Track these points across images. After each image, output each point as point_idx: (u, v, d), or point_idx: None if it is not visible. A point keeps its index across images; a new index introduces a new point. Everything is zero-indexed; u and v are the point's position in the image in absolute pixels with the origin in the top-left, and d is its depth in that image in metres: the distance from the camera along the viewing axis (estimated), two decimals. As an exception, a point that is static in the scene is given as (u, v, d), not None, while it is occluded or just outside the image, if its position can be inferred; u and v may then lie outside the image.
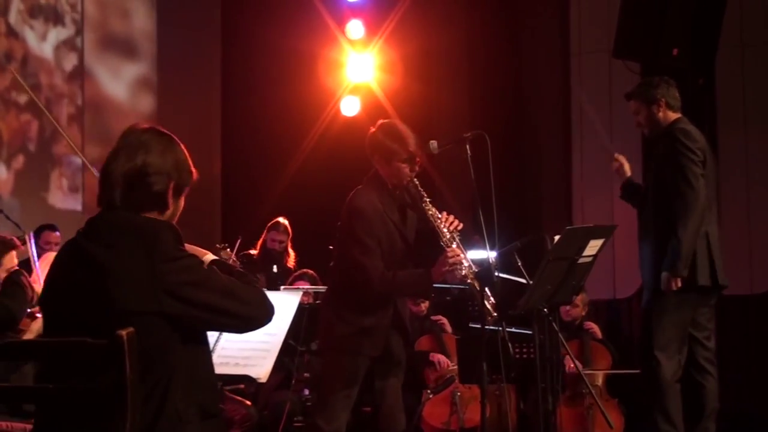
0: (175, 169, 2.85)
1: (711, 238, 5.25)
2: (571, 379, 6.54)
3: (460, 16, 9.06)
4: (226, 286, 2.83)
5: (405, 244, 4.59)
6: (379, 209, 4.51)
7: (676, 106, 5.42)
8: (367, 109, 9.28)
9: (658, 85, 5.43)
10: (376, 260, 4.44)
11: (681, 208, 5.12)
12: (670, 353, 5.22)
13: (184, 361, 2.75)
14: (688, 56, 7.14)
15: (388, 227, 4.52)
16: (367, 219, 4.48)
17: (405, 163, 4.51)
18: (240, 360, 3.83)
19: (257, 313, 2.91)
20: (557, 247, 4.51)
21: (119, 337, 2.53)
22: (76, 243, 2.82)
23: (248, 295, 2.88)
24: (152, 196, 2.82)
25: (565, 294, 4.79)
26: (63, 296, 2.78)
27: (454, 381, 6.69)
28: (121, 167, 2.80)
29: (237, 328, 2.96)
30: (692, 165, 5.16)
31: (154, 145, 2.84)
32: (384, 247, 4.49)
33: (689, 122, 5.43)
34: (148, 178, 2.80)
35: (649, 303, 5.31)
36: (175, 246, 2.76)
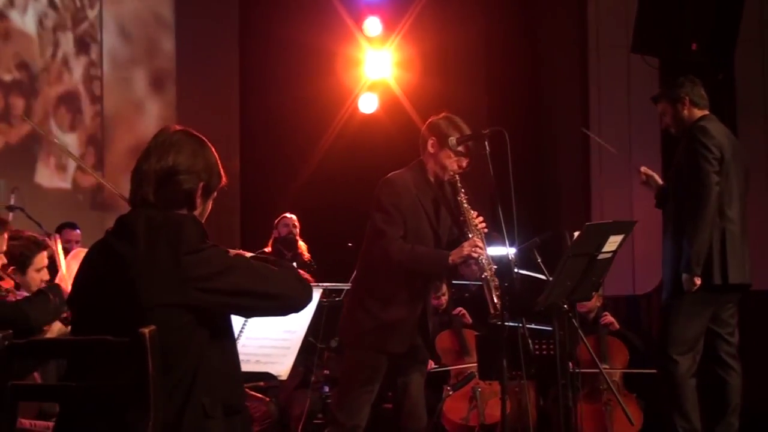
0: (205, 170, 2.88)
1: (728, 235, 5.23)
2: (589, 376, 6.52)
3: (477, 12, 9.05)
4: (257, 269, 2.85)
5: (434, 235, 4.58)
6: (411, 189, 4.54)
7: (701, 104, 5.42)
8: (385, 106, 9.30)
9: (682, 84, 5.44)
10: (396, 229, 4.46)
11: (692, 208, 5.16)
12: (684, 350, 5.24)
13: (209, 356, 2.77)
14: (707, 51, 7.11)
15: (417, 209, 4.53)
16: (396, 191, 4.52)
17: (455, 155, 4.54)
18: (261, 357, 3.84)
19: (294, 292, 2.92)
20: (577, 244, 4.50)
21: (141, 334, 2.55)
22: (104, 241, 2.85)
23: (280, 274, 2.90)
24: (181, 195, 2.84)
25: (585, 290, 4.77)
26: (90, 293, 2.81)
27: (474, 377, 6.68)
28: (152, 166, 2.83)
29: (276, 310, 2.97)
30: (705, 164, 5.17)
31: (186, 146, 2.87)
32: (410, 226, 4.50)
33: (714, 119, 5.43)
34: (178, 176, 2.83)
35: (666, 301, 5.36)
36: (200, 238, 2.78)
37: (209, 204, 2.96)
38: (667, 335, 5.27)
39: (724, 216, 5.23)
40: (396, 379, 4.66)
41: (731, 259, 5.22)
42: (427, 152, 4.63)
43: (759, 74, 7.90)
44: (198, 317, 2.73)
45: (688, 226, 5.14)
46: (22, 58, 8.10)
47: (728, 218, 5.26)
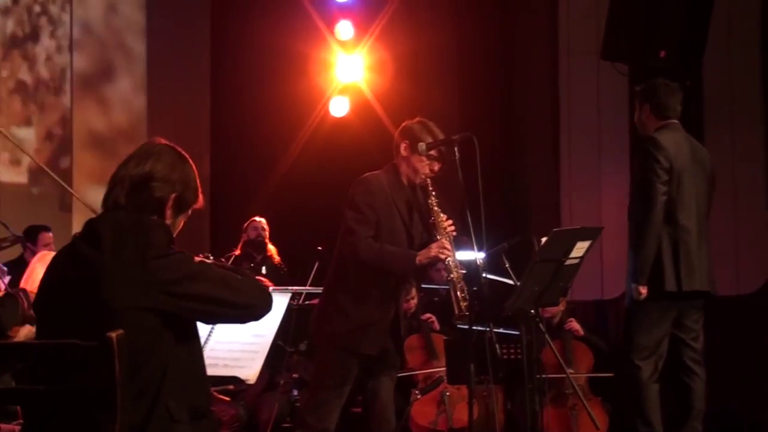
0: (180, 183, 2.90)
1: (681, 243, 5.25)
2: (555, 380, 6.56)
3: (449, 16, 9.08)
4: (221, 277, 2.87)
5: (408, 236, 4.61)
6: (385, 189, 4.58)
7: (665, 115, 5.38)
8: (357, 109, 9.31)
9: (653, 86, 5.43)
10: (367, 228, 4.48)
11: (638, 219, 5.23)
12: (645, 356, 5.28)
13: (176, 359, 2.78)
14: (675, 58, 7.16)
15: (390, 209, 4.57)
16: (370, 190, 4.56)
17: (427, 159, 4.58)
18: (229, 361, 3.84)
19: (255, 301, 2.94)
20: (544, 249, 4.54)
21: (109, 338, 2.55)
22: (71, 244, 2.86)
23: (244, 285, 2.92)
24: (153, 201, 2.86)
25: (553, 295, 4.82)
26: (56, 296, 2.82)
27: (443, 381, 6.70)
28: (129, 171, 2.86)
29: (237, 318, 2.99)
30: (652, 175, 5.18)
31: (165, 156, 2.91)
32: (383, 226, 4.53)
33: (672, 128, 5.39)
34: (151, 182, 2.85)
35: (627, 307, 5.43)
36: (167, 243, 2.79)
37: (181, 220, 2.97)
38: (629, 341, 5.34)
39: (676, 224, 5.25)
40: (366, 383, 4.68)
41: (684, 267, 5.24)
42: (399, 155, 4.67)
43: (726, 81, 7.97)
44: (164, 321, 2.74)
45: (634, 236, 5.23)
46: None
47: (681, 226, 5.26)
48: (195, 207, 2.99)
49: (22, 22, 8.45)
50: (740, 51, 7.92)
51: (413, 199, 4.67)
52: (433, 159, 4.60)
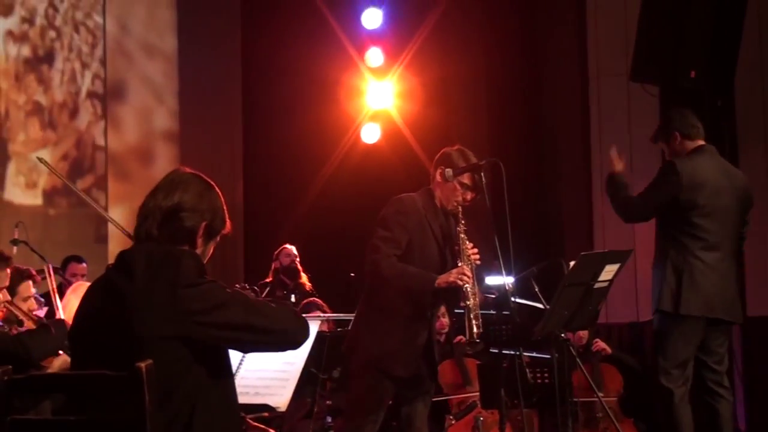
0: (209, 211, 2.94)
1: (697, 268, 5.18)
2: (586, 403, 6.54)
3: (477, 43, 9.12)
4: (253, 304, 2.89)
5: (441, 257, 4.60)
6: (420, 210, 4.59)
7: (693, 134, 5.39)
8: (387, 135, 9.35)
9: (670, 119, 5.49)
10: (392, 247, 4.48)
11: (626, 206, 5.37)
12: (674, 376, 5.20)
13: (207, 389, 2.80)
14: (706, 78, 7.13)
15: (425, 230, 4.57)
16: (404, 210, 4.57)
17: (462, 188, 4.59)
18: (260, 389, 3.87)
19: (288, 327, 2.94)
20: (573, 273, 4.54)
21: (138, 369, 2.58)
22: (104, 276, 2.90)
23: (278, 311, 2.93)
24: (184, 232, 2.89)
25: (582, 319, 4.80)
26: (89, 327, 2.85)
27: (477, 406, 6.69)
28: (159, 202, 2.90)
29: (272, 345, 2.99)
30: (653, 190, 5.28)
31: (193, 186, 2.94)
32: (416, 246, 4.53)
33: (708, 151, 5.40)
34: (181, 213, 2.89)
35: (654, 327, 5.33)
36: (198, 273, 2.82)
37: (211, 247, 3.00)
38: (657, 363, 5.26)
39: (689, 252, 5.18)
40: (400, 409, 4.67)
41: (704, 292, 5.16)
42: (435, 181, 4.68)
43: (759, 100, 7.93)
44: (195, 351, 2.76)
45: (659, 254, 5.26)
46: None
47: (696, 256, 5.19)
48: (224, 234, 3.03)
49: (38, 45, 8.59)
50: (772, 69, 7.88)
51: (446, 224, 4.68)
52: (466, 188, 4.60)
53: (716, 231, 5.25)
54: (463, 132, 8.63)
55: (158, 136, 9.34)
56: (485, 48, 9.10)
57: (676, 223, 5.22)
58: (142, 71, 9.24)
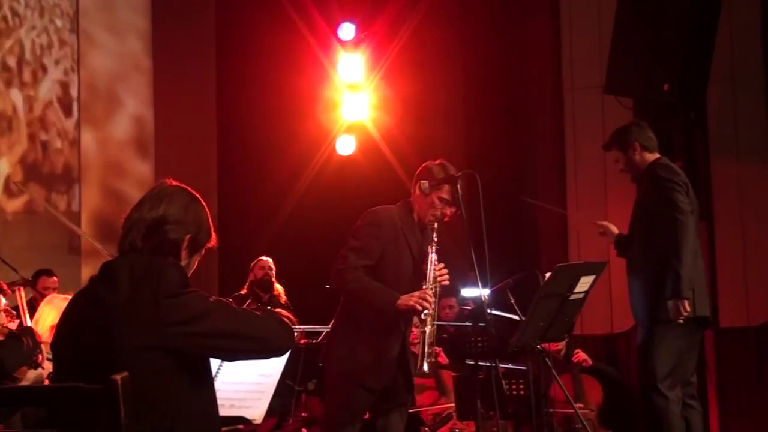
0: (193, 224, 2.94)
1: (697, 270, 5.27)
2: (565, 415, 6.55)
3: (454, 55, 9.14)
4: (236, 312, 2.88)
5: (415, 271, 4.54)
6: (396, 222, 4.55)
7: (651, 147, 5.46)
8: (363, 148, 9.35)
9: (629, 130, 5.51)
10: (360, 258, 4.45)
11: (676, 236, 5.13)
12: (673, 384, 5.17)
13: (189, 400, 2.79)
14: (678, 91, 7.20)
15: (399, 242, 4.53)
16: (377, 222, 4.54)
17: (440, 202, 4.55)
18: (235, 401, 3.83)
19: (273, 333, 2.94)
20: (548, 285, 4.56)
21: (113, 381, 2.56)
22: (88, 287, 2.89)
23: (261, 318, 2.93)
24: (168, 244, 2.89)
25: (558, 330, 4.82)
26: (72, 338, 2.84)
27: (452, 418, 6.70)
28: (143, 214, 2.90)
29: (256, 352, 2.98)
30: (679, 195, 5.21)
31: (178, 199, 2.94)
32: (389, 259, 4.49)
33: (669, 161, 5.51)
34: (166, 225, 2.89)
35: (645, 338, 5.26)
36: (181, 283, 2.81)
37: (195, 260, 3.00)
38: (653, 372, 5.17)
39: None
40: (376, 421, 4.65)
41: (698, 292, 5.21)
42: (415, 194, 4.65)
43: (730, 113, 7.99)
44: (177, 361, 2.75)
45: (674, 253, 5.10)
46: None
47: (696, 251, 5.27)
48: (208, 247, 3.02)
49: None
50: (744, 81, 7.95)
51: (423, 239, 4.64)
52: (445, 202, 4.56)
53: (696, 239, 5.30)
54: (439, 144, 8.64)
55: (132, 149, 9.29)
56: (461, 60, 9.13)
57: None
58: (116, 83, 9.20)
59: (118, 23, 9.28)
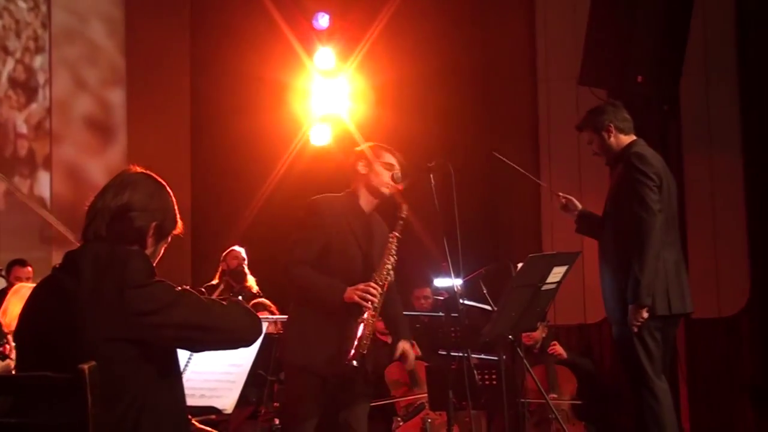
0: (159, 211, 2.91)
1: (666, 265, 5.07)
2: (538, 405, 6.57)
3: (429, 45, 9.13)
4: (202, 303, 2.87)
5: (363, 257, 4.50)
6: (338, 211, 4.51)
7: (627, 128, 5.28)
8: (338, 138, 9.33)
9: (603, 110, 5.31)
10: (306, 251, 4.42)
11: (638, 236, 4.95)
12: (657, 373, 5.04)
13: (155, 391, 2.78)
14: (652, 83, 7.21)
15: (343, 231, 4.48)
16: (317, 211, 4.51)
17: (386, 169, 4.54)
18: (205, 391, 3.83)
19: (240, 324, 2.93)
20: (520, 275, 4.55)
21: (81, 370, 2.55)
22: (51, 276, 2.86)
23: (228, 309, 2.92)
24: (133, 231, 2.87)
25: (530, 321, 4.82)
26: (35, 328, 2.82)
27: (425, 408, 6.70)
28: (107, 202, 2.87)
29: (223, 343, 2.97)
30: (649, 191, 5.00)
31: (143, 186, 2.92)
32: (334, 248, 4.45)
33: (645, 145, 5.30)
34: (131, 213, 2.87)
35: (622, 334, 5.09)
36: (146, 273, 2.79)
37: (162, 247, 2.98)
38: (640, 367, 5.01)
39: (664, 244, 5.06)
40: (338, 415, 4.58)
41: (673, 288, 5.06)
42: (358, 177, 4.61)
43: (703, 105, 8.04)
44: (143, 352, 2.74)
45: (636, 255, 4.94)
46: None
47: (667, 246, 5.09)
48: (174, 234, 3.00)
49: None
50: (717, 74, 8.00)
51: (375, 227, 4.60)
52: (390, 167, 4.56)
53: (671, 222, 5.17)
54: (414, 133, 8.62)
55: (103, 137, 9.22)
56: (436, 50, 9.11)
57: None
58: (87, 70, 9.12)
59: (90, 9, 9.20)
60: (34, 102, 8.71)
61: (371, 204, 4.61)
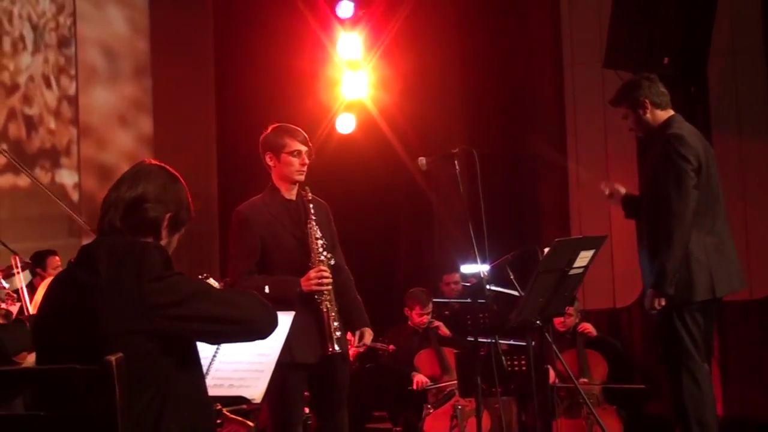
0: (174, 203, 2.91)
1: (708, 248, 4.88)
2: (570, 390, 6.55)
3: (452, 33, 9.10)
4: (221, 295, 2.89)
5: (302, 250, 4.54)
6: (261, 211, 4.57)
7: (663, 103, 5.06)
8: (363, 126, 9.32)
9: (639, 85, 5.09)
10: (246, 262, 4.49)
11: (668, 221, 4.80)
12: (702, 357, 4.90)
13: (176, 382, 2.77)
14: (679, 65, 7.15)
15: (273, 227, 4.54)
16: (243, 219, 4.57)
17: (293, 157, 4.59)
18: (234, 381, 3.82)
19: (257, 317, 2.93)
20: (547, 260, 4.51)
21: (108, 362, 2.55)
22: (67, 270, 2.87)
23: (246, 301, 2.93)
24: (147, 223, 2.87)
25: (558, 306, 4.79)
26: (53, 322, 2.82)
27: (455, 395, 6.70)
28: (122, 194, 2.87)
29: (241, 335, 2.98)
30: (685, 175, 4.81)
31: (157, 177, 2.92)
32: (270, 247, 4.51)
33: (683, 121, 5.10)
34: (145, 204, 2.86)
35: (662, 317, 4.88)
36: (164, 265, 2.79)
37: (176, 239, 2.98)
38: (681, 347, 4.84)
39: (702, 228, 4.88)
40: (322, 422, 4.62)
41: (717, 272, 4.89)
42: (270, 169, 4.69)
43: (732, 86, 7.97)
44: (163, 344, 2.74)
45: (664, 241, 4.79)
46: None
47: (709, 229, 4.92)
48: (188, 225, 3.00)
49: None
50: (744, 55, 7.92)
51: (302, 212, 4.63)
52: (297, 154, 4.59)
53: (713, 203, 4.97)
54: (438, 121, 8.63)
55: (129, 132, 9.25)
56: (460, 37, 9.08)
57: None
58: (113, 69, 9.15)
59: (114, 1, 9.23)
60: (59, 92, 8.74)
61: (292, 190, 4.67)
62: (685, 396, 4.81)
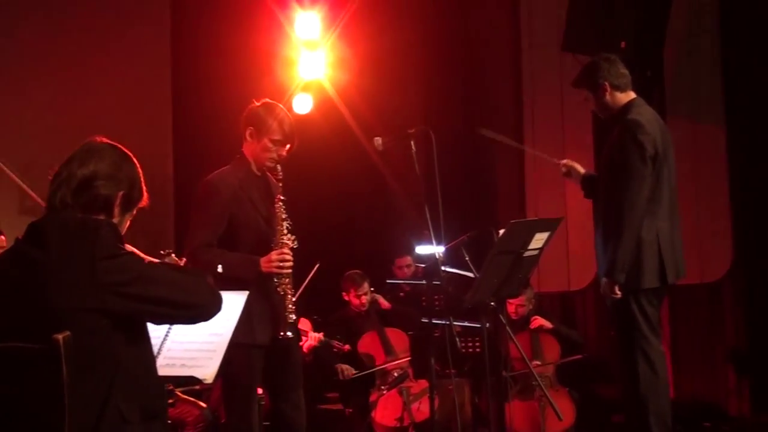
0: (126, 181, 2.89)
1: (661, 235, 4.90)
2: (522, 372, 6.58)
3: (411, 13, 9.07)
4: (171, 278, 2.87)
5: (266, 223, 4.46)
6: (232, 184, 4.44)
7: (623, 84, 5.06)
8: (320, 106, 9.27)
9: (598, 67, 5.07)
10: (209, 234, 4.36)
11: (621, 209, 4.81)
12: (657, 337, 4.94)
13: (127, 361, 2.76)
14: (635, 49, 7.18)
15: (241, 201, 4.43)
16: (212, 190, 4.43)
17: (273, 144, 4.48)
18: (186, 361, 3.79)
19: (204, 302, 2.93)
20: (502, 241, 4.51)
21: (55, 340, 2.52)
22: (14, 248, 2.82)
23: (194, 286, 2.91)
24: (100, 200, 2.84)
25: (512, 287, 4.78)
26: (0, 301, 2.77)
27: (408, 377, 6.70)
28: (73, 171, 2.84)
29: (188, 319, 2.97)
30: (640, 163, 4.81)
31: (108, 155, 2.90)
32: (238, 221, 4.40)
33: (643, 104, 5.09)
34: (97, 181, 2.84)
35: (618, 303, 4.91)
36: (116, 243, 2.76)
37: (128, 218, 2.95)
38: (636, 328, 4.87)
39: (656, 215, 4.90)
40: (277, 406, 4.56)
41: (668, 259, 4.90)
42: (246, 142, 4.57)
43: (687, 70, 8.02)
44: (114, 322, 2.72)
45: (615, 230, 4.82)
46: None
47: (663, 216, 4.93)
48: (140, 206, 2.97)
49: None
50: (700, 40, 7.97)
51: (272, 187, 4.54)
52: (279, 144, 4.48)
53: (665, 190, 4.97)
54: (396, 101, 8.60)
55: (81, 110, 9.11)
56: (418, 18, 9.06)
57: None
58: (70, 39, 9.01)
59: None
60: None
61: (260, 167, 4.55)
62: (641, 384, 4.83)
